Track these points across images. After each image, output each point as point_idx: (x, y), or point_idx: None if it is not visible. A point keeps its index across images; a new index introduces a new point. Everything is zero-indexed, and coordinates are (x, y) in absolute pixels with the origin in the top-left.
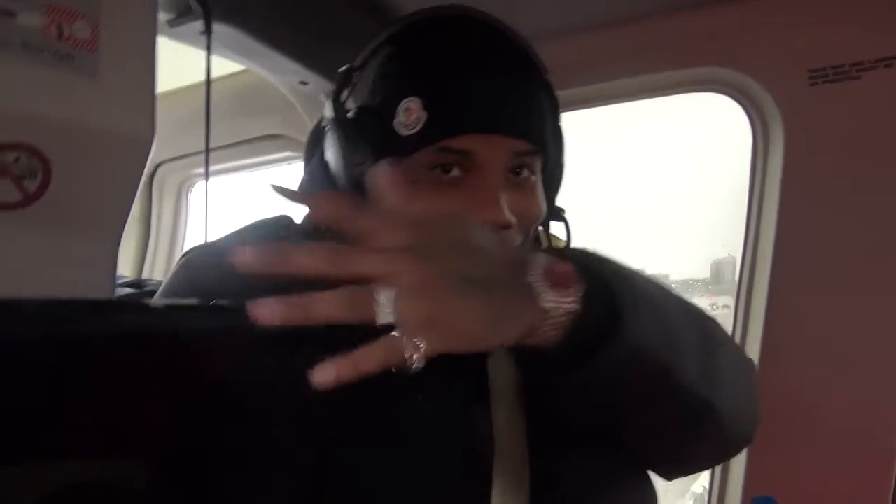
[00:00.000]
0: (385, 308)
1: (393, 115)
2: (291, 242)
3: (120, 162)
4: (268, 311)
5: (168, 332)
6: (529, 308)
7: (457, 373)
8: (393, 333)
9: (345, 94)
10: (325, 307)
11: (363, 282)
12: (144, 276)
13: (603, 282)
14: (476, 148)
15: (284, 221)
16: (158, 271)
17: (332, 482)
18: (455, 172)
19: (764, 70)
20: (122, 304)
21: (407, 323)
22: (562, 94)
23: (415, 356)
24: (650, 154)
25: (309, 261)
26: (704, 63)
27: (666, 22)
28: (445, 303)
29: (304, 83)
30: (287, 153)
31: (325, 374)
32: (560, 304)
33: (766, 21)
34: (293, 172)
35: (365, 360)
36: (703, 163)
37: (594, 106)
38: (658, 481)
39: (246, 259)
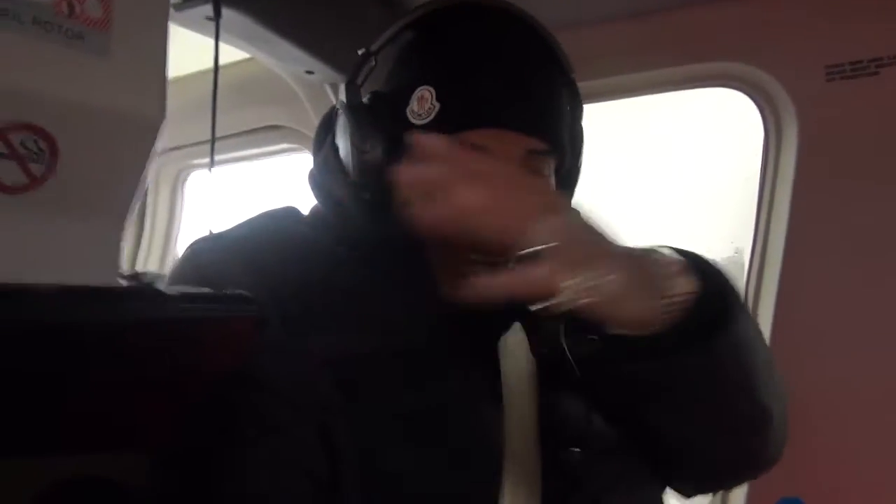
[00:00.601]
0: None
1: (406, 102)
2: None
3: (129, 145)
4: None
5: (183, 319)
6: (655, 289)
7: (470, 369)
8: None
9: (360, 78)
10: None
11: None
12: (139, 268)
13: (710, 276)
14: (488, 143)
15: (291, 213)
16: (153, 263)
17: (342, 474)
18: None
19: (780, 65)
20: (137, 291)
21: (563, 261)
22: None
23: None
24: (645, 150)
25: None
26: (720, 58)
27: (681, 16)
28: (601, 254)
29: (309, 72)
30: (287, 144)
31: (459, 288)
32: (678, 289)
33: (782, 16)
34: (293, 163)
35: (503, 284)
36: (700, 160)
37: (606, 100)
38: None
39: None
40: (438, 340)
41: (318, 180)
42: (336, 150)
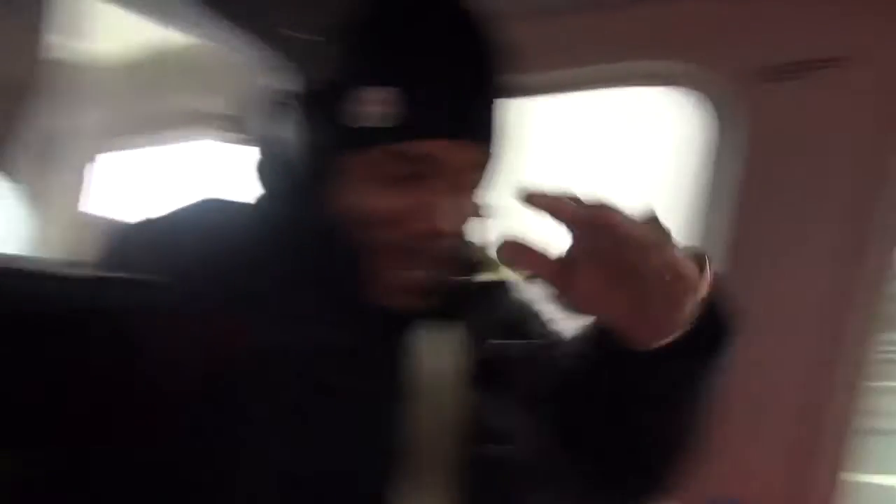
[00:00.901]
0: None
1: (362, 100)
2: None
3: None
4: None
5: (96, 305)
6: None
7: (388, 367)
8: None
9: (312, 67)
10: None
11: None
12: (45, 253)
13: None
14: (441, 154)
15: (226, 201)
16: (56, 248)
17: (247, 464)
18: (411, 172)
19: (724, 65)
20: (49, 274)
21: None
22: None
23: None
24: (583, 149)
25: None
26: (664, 56)
27: (625, 12)
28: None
29: (255, 58)
30: (226, 132)
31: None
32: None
33: (727, 15)
34: (231, 151)
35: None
36: (641, 161)
37: (544, 95)
38: None
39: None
40: (359, 337)
41: (261, 169)
42: (280, 139)
